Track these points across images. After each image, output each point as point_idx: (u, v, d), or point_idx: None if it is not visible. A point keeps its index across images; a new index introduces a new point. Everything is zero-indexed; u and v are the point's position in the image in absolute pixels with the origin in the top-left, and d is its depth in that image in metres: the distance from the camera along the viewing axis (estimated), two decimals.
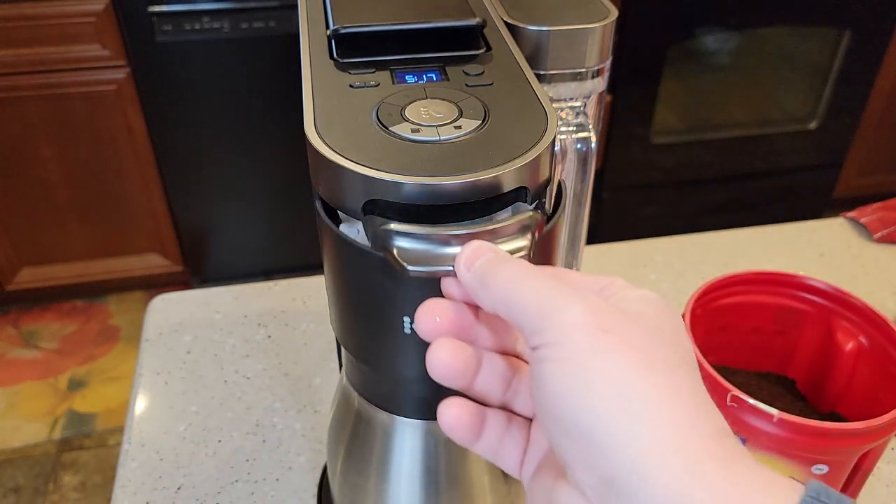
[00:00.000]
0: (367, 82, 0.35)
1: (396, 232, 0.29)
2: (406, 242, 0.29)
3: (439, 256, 0.29)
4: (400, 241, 0.29)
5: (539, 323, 0.25)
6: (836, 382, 0.56)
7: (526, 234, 0.30)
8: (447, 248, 0.29)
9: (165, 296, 0.77)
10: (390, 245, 0.29)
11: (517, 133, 0.32)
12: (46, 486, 1.54)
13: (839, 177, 2.12)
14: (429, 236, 0.29)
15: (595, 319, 0.24)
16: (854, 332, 0.55)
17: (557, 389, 0.24)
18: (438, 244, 0.29)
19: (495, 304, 0.27)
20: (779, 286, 0.57)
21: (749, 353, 0.60)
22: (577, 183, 0.54)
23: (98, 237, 1.83)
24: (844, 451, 0.46)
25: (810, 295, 0.56)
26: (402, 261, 0.29)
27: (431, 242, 0.29)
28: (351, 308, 0.36)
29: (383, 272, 0.32)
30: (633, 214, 2.04)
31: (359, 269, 0.33)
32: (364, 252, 0.32)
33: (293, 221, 1.88)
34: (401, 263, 0.29)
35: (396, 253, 0.29)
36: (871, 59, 1.89)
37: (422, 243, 0.29)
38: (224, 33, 1.55)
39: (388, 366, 0.37)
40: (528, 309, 0.25)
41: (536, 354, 0.25)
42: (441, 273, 0.30)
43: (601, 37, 0.46)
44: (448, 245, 0.29)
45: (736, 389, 0.46)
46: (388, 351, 0.36)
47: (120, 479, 0.59)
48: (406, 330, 0.34)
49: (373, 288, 0.33)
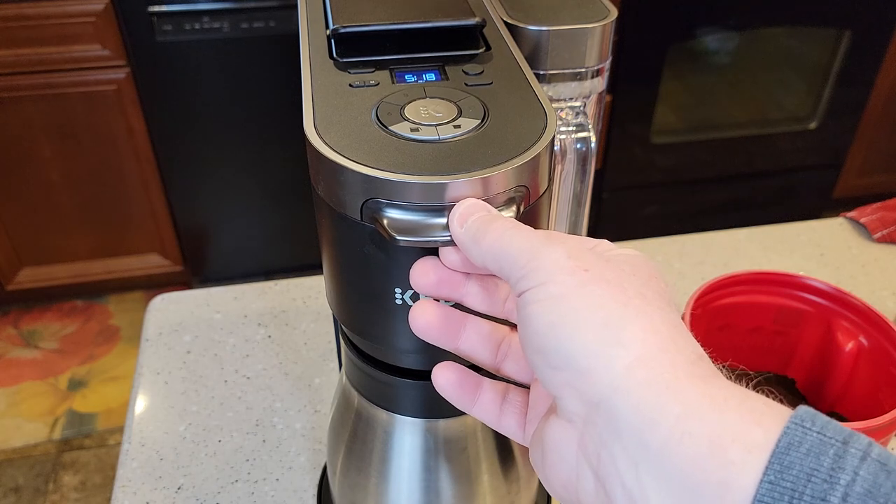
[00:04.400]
0: (367, 82, 0.35)
1: (386, 203, 0.30)
2: (396, 213, 0.30)
3: (428, 226, 0.30)
4: (390, 212, 0.30)
5: (524, 269, 0.26)
6: (836, 382, 0.56)
7: (511, 207, 0.31)
8: (437, 219, 0.30)
9: (165, 296, 0.77)
10: (380, 216, 0.30)
11: (516, 132, 0.32)
12: (46, 486, 1.54)
13: (839, 177, 2.12)
14: (416, 207, 0.30)
15: (575, 261, 0.26)
16: (854, 332, 0.55)
17: (543, 326, 0.25)
18: (428, 215, 0.30)
19: (485, 258, 0.28)
20: (779, 286, 0.57)
21: (749, 353, 0.60)
22: (577, 183, 0.54)
23: (98, 237, 1.83)
24: None
25: (810, 295, 0.56)
26: (391, 231, 0.30)
27: (421, 213, 0.30)
28: (344, 280, 0.37)
29: (374, 243, 0.32)
30: (633, 214, 2.04)
31: (351, 241, 0.34)
32: (355, 223, 0.32)
33: (293, 221, 1.88)
34: (390, 234, 0.29)
35: (386, 224, 0.30)
36: (871, 59, 1.89)
37: (411, 214, 0.30)
38: (224, 33, 1.55)
39: (382, 337, 0.37)
40: (516, 258, 0.27)
41: (523, 298, 0.26)
42: (430, 243, 0.30)
43: (601, 37, 0.46)
44: (437, 215, 0.30)
45: None
46: (381, 322, 0.36)
47: (120, 479, 0.59)
48: (398, 301, 0.34)
49: (364, 259, 0.34)
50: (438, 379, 0.32)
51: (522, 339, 0.27)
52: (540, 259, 0.26)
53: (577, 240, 0.28)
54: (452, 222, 0.29)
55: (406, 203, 0.30)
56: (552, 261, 0.26)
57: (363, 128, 0.32)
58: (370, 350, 0.41)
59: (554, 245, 0.26)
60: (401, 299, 0.34)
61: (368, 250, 0.33)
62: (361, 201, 0.30)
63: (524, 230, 0.28)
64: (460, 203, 0.29)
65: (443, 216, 0.30)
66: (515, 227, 0.28)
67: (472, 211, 0.29)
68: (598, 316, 0.24)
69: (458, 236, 0.29)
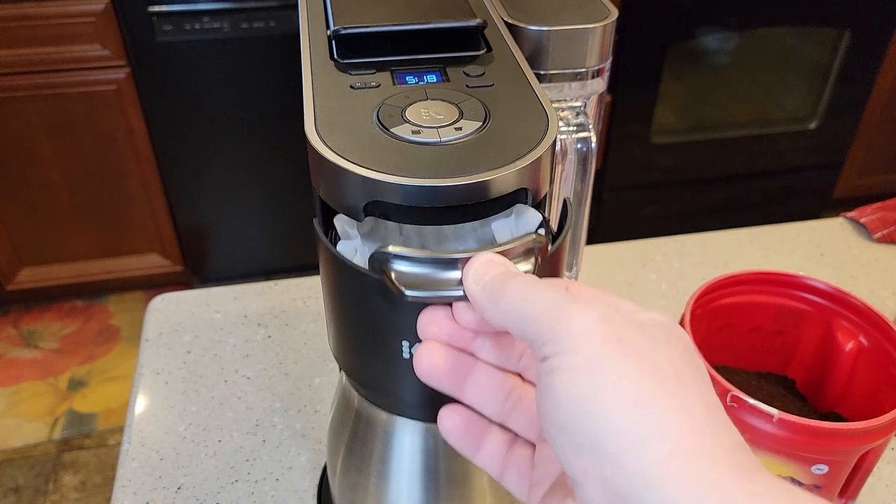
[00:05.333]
0: (368, 83, 0.35)
1: (394, 255, 0.28)
2: (404, 266, 0.28)
3: (439, 281, 0.28)
4: (398, 264, 0.28)
5: (549, 332, 0.24)
6: (835, 382, 0.56)
7: (530, 258, 0.29)
8: (447, 273, 0.28)
9: (165, 296, 0.77)
10: (388, 268, 0.28)
11: (518, 134, 0.32)
12: (46, 486, 1.54)
13: (839, 177, 2.12)
14: (428, 260, 0.28)
15: (607, 328, 0.23)
16: (854, 332, 0.55)
17: (568, 399, 0.23)
18: (438, 268, 0.28)
19: (504, 319, 0.26)
20: (779, 286, 0.57)
21: (749, 353, 0.60)
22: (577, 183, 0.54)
23: (98, 237, 1.83)
24: (844, 451, 0.46)
25: (810, 295, 0.56)
26: (399, 285, 0.28)
27: (431, 266, 0.28)
28: (348, 329, 0.35)
29: (381, 295, 0.31)
30: (633, 214, 2.04)
31: (356, 291, 0.32)
32: (361, 274, 0.30)
33: (293, 221, 1.88)
34: (398, 288, 0.28)
35: (394, 277, 0.28)
36: (871, 59, 1.89)
37: (420, 267, 0.28)
38: (224, 33, 1.55)
39: (386, 389, 0.36)
40: (538, 319, 0.24)
41: (546, 365, 0.24)
42: (440, 299, 0.28)
43: (601, 37, 0.46)
44: (448, 269, 0.28)
45: (736, 389, 0.46)
46: (386, 374, 0.35)
47: (120, 479, 0.59)
48: (405, 354, 0.33)
49: (370, 310, 0.32)
50: (444, 422, 0.30)
51: (542, 410, 0.24)
52: (567, 322, 0.24)
53: (604, 299, 0.26)
54: (467, 279, 0.27)
55: (415, 257, 0.28)
56: (581, 326, 0.23)
57: (364, 130, 0.32)
58: (373, 399, 0.40)
59: (582, 306, 0.24)
60: (408, 353, 0.33)
61: (374, 302, 0.31)
62: (362, 203, 0.30)
63: (547, 287, 0.25)
64: (475, 258, 0.27)
65: (455, 270, 0.28)
66: (536, 283, 0.26)
67: (489, 268, 0.27)
68: (630, 395, 0.22)
69: (474, 295, 0.27)
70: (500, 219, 0.35)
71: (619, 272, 0.81)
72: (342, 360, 0.38)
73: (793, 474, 0.47)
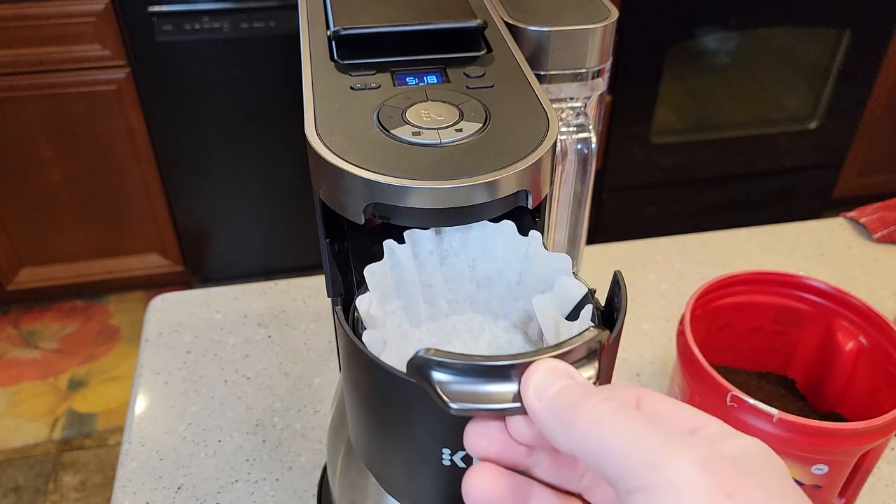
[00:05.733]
0: (368, 84, 0.35)
1: (437, 362, 0.24)
2: (447, 376, 0.24)
3: (490, 395, 0.24)
4: (440, 373, 0.24)
5: (639, 479, 0.21)
6: (835, 382, 0.56)
7: (593, 362, 0.25)
8: (499, 384, 0.24)
9: (165, 296, 0.77)
10: (430, 378, 0.24)
11: (518, 136, 0.32)
12: (46, 486, 1.54)
13: (839, 177, 2.12)
14: (476, 368, 0.24)
15: (713, 480, 0.20)
16: (854, 332, 0.55)
17: None
18: (488, 377, 0.24)
19: (577, 448, 0.23)
20: (779, 286, 0.57)
21: (749, 353, 0.60)
22: (578, 183, 0.54)
23: (98, 237, 1.83)
24: (844, 451, 0.46)
25: (810, 295, 0.56)
26: (444, 396, 0.24)
27: (479, 375, 0.24)
28: (377, 429, 0.31)
29: (420, 400, 0.26)
30: (633, 214, 2.04)
31: (390, 394, 0.28)
32: (396, 378, 0.27)
33: (293, 221, 1.88)
34: (443, 399, 0.24)
35: (438, 387, 0.24)
36: (871, 59, 1.89)
37: (468, 377, 0.24)
38: (224, 33, 1.55)
39: (419, 495, 0.32)
40: (625, 461, 0.21)
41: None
42: (491, 412, 0.24)
43: (601, 37, 0.46)
44: (500, 378, 0.24)
45: (736, 389, 0.46)
46: (421, 481, 0.31)
47: (120, 479, 0.59)
48: (445, 461, 0.29)
49: (407, 414, 0.28)
50: (476, 493, 0.25)
51: None
52: (665, 471, 0.20)
53: (683, 419, 0.23)
54: (527, 394, 0.24)
55: (461, 364, 0.24)
56: (684, 478, 0.20)
57: (364, 131, 0.32)
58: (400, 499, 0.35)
59: (680, 451, 0.21)
60: (449, 460, 0.29)
61: (412, 407, 0.27)
62: (363, 205, 0.30)
63: (629, 419, 0.22)
64: (534, 368, 0.24)
65: (508, 380, 0.24)
66: (614, 412, 0.22)
67: (552, 380, 0.24)
68: None
69: (537, 413, 0.23)
70: (541, 294, 0.32)
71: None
72: (369, 462, 0.34)
73: (793, 474, 0.47)
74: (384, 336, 0.29)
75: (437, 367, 0.24)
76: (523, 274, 0.34)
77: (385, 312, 0.33)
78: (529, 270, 0.34)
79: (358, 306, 0.30)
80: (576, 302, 0.31)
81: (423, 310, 0.35)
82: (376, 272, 0.32)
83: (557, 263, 0.32)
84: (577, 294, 0.31)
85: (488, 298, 0.36)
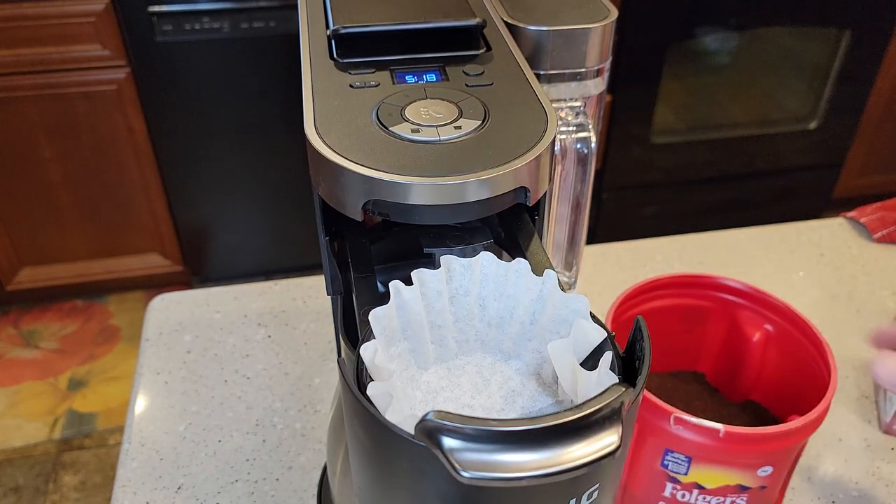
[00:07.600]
0: (367, 82, 0.35)
1: (448, 428, 0.22)
2: (459, 442, 0.22)
3: (505, 465, 0.22)
4: (451, 440, 0.22)
5: None
6: (748, 371, 0.58)
7: (616, 425, 0.23)
8: (514, 453, 0.22)
9: (165, 296, 0.77)
10: (440, 444, 0.23)
11: (517, 133, 0.32)
12: (46, 485, 1.54)
13: (839, 177, 2.12)
14: (490, 435, 0.22)
15: None
16: (759, 321, 0.56)
17: None
18: (504, 444, 0.22)
19: None
20: (690, 287, 0.58)
21: (661, 356, 0.60)
22: (577, 183, 0.54)
23: (98, 237, 1.83)
24: (787, 450, 0.47)
25: (715, 292, 0.58)
26: (455, 464, 0.22)
27: (493, 443, 0.22)
28: (383, 491, 0.29)
29: (428, 462, 0.24)
30: (633, 214, 2.04)
31: (394, 453, 0.26)
32: (404, 440, 0.25)
33: (293, 221, 1.88)
34: (454, 466, 0.22)
35: (448, 455, 0.23)
36: (871, 59, 1.89)
37: (481, 445, 0.22)
38: (224, 33, 1.55)
39: None
40: None
41: None
42: (507, 482, 0.22)
43: (601, 37, 0.46)
44: (516, 445, 0.22)
45: (679, 411, 0.45)
46: None
47: (120, 479, 0.59)
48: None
49: (414, 477, 0.26)
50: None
51: None
52: None
53: None
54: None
55: (474, 430, 0.22)
56: None
57: (364, 129, 0.32)
58: None
59: None
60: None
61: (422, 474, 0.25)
62: (362, 202, 0.30)
63: None
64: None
65: (524, 448, 0.22)
66: None
67: None
68: None
69: None
70: (557, 338, 0.31)
71: (619, 272, 0.81)
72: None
73: (740, 481, 0.47)
74: (391, 391, 0.27)
75: (448, 433, 0.22)
76: (537, 314, 0.32)
77: (391, 356, 0.31)
78: (543, 310, 0.32)
79: (362, 355, 0.28)
80: (593, 347, 0.30)
81: (432, 350, 0.33)
82: (382, 316, 0.29)
83: (573, 304, 0.30)
84: (595, 339, 0.29)
85: (500, 338, 0.34)
